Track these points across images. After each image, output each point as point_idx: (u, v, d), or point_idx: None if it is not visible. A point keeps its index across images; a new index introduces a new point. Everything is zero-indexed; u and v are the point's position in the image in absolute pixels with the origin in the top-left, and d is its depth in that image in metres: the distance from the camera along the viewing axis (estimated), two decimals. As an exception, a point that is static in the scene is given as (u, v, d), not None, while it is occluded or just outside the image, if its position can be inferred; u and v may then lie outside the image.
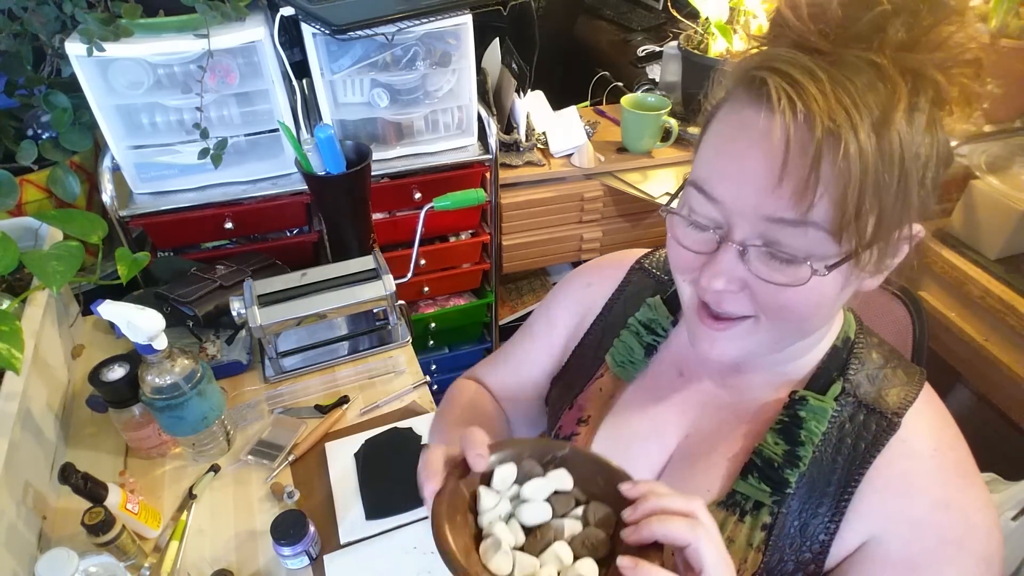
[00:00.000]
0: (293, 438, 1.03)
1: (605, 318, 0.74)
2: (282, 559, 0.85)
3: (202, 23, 1.18)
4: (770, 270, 0.47)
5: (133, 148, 1.32)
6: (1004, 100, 1.38)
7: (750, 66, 0.46)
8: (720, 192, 0.48)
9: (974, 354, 1.33)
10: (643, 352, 0.68)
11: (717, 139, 0.49)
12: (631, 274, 0.75)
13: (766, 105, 0.44)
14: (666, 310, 0.69)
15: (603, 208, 1.75)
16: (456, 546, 0.44)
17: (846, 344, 0.60)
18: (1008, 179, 1.31)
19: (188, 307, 1.15)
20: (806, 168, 0.42)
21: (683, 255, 0.53)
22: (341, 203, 1.25)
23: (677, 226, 0.53)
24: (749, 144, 0.45)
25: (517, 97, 1.63)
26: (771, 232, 0.46)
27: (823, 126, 0.41)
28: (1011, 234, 1.30)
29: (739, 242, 0.47)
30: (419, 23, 1.33)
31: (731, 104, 0.48)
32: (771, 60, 0.44)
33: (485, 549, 0.46)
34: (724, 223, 0.48)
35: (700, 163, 0.51)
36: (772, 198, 0.44)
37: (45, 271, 0.91)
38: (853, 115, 0.41)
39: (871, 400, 0.57)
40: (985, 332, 1.32)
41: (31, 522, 0.86)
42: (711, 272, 0.49)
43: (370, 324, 1.25)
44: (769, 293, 0.49)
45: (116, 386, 0.92)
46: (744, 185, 0.46)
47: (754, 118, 0.45)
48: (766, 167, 0.44)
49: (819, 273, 0.46)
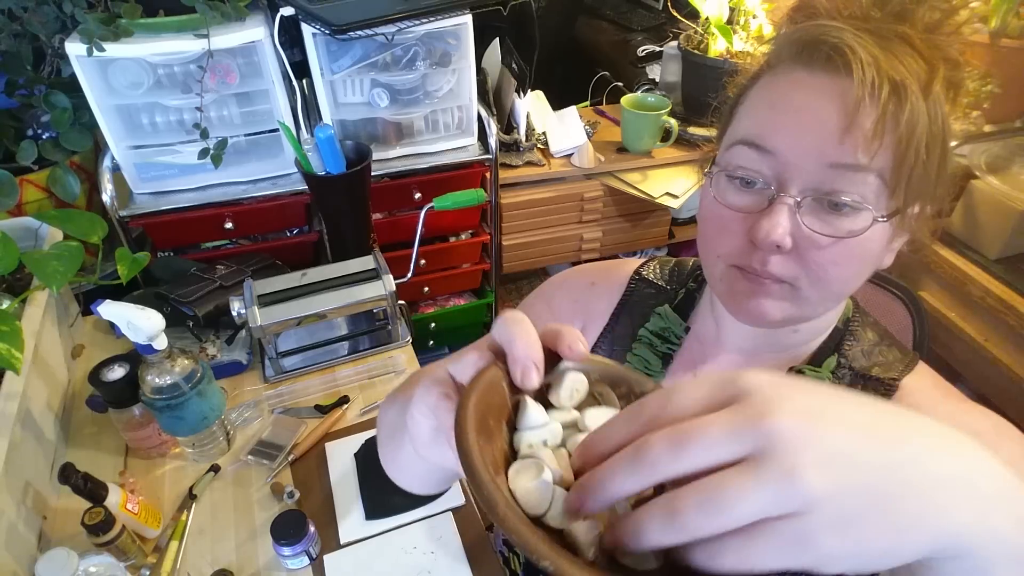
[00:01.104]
0: (293, 438, 1.03)
1: (612, 331, 0.72)
2: (282, 559, 0.85)
3: (202, 23, 1.18)
4: (824, 224, 0.48)
5: (133, 148, 1.32)
6: (1004, 100, 1.38)
7: (795, 36, 0.48)
8: (776, 143, 0.48)
9: (974, 354, 1.33)
10: (660, 363, 0.68)
11: (767, 99, 0.50)
12: (632, 283, 0.73)
13: (822, 66, 0.46)
14: (678, 317, 0.68)
15: (603, 208, 1.75)
16: (484, 457, 0.31)
17: (845, 324, 0.62)
18: (1008, 179, 1.31)
19: (188, 307, 1.15)
20: (876, 114, 0.44)
21: (727, 219, 0.51)
22: (341, 203, 1.25)
23: (723, 187, 0.52)
24: (808, 98, 0.46)
25: (517, 97, 1.63)
26: (829, 181, 0.46)
27: (889, 78, 0.44)
28: (1011, 234, 1.30)
29: (795, 195, 0.47)
30: (419, 23, 1.33)
31: (777, 70, 0.50)
32: (819, 29, 0.47)
33: (518, 470, 0.32)
34: (775, 179, 0.48)
35: (748, 122, 0.51)
36: (836, 145, 0.45)
37: (45, 271, 0.91)
38: (907, 75, 0.44)
39: (867, 371, 0.59)
40: (985, 332, 1.32)
41: (31, 522, 0.86)
42: (769, 223, 0.47)
43: (370, 324, 1.25)
44: (819, 250, 0.48)
45: (116, 386, 0.92)
46: (805, 134, 0.46)
47: (808, 78, 0.47)
48: (830, 116, 0.45)
49: (879, 220, 0.47)
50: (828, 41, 0.45)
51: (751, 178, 0.50)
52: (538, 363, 0.34)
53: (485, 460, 0.30)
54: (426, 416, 0.38)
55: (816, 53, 0.46)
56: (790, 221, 0.48)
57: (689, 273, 0.72)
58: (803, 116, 0.47)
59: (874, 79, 0.44)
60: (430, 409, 0.37)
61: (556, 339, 0.36)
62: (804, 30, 0.48)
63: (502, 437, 0.34)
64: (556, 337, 0.36)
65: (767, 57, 0.52)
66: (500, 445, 0.33)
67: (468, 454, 0.30)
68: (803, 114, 0.47)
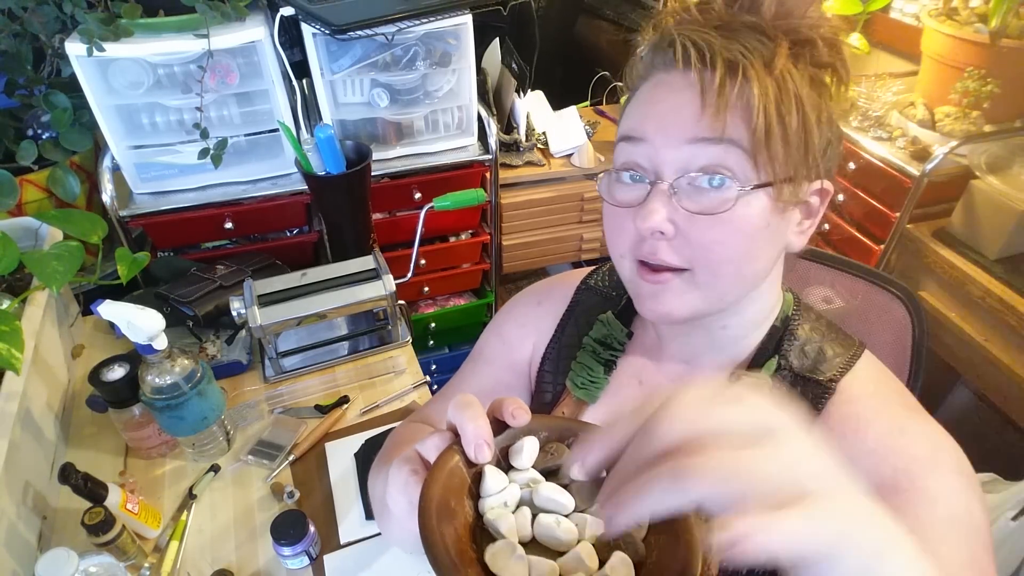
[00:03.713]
0: (293, 438, 1.03)
1: (559, 340, 0.73)
2: (282, 559, 0.85)
3: (202, 23, 1.18)
4: (698, 203, 0.51)
5: (133, 148, 1.32)
6: (1004, 100, 1.38)
7: (653, 44, 0.55)
8: (644, 131, 0.53)
9: (974, 354, 1.33)
10: (603, 370, 0.68)
11: (639, 101, 0.55)
12: (579, 293, 0.74)
13: (676, 63, 0.52)
14: (620, 324, 0.69)
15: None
16: (446, 540, 0.36)
17: (784, 323, 0.62)
18: (1008, 179, 1.31)
19: (188, 307, 1.15)
20: (715, 93, 0.49)
21: (621, 217, 0.55)
22: (341, 203, 1.25)
23: (612, 187, 0.56)
24: (667, 93, 0.52)
25: (517, 97, 1.63)
26: (696, 158, 0.50)
27: (723, 59, 0.49)
28: (1011, 234, 1.30)
29: (669, 181, 0.51)
30: (419, 23, 1.33)
31: (644, 79, 0.56)
32: (669, 31, 0.53)
33: (495, 552, 0.37)
34: (652, 170, 0.53)
35: (625, 123, 0.56)
36: (694, 124, 0.50)
37: (45, 271, 0.91)
38: (745, 52, 0.49)
39: (806, 371, 0.59)
40: (985, 332, 1.32)
41: (31, 522, 0.86)
42: (645, 211, 0.52)
43: (370, 324, 1.25)
44: (701, 230, 0.51)
45: (116, 386, 0.92)
46: (666, 119, 0.52)
47: (666, 77, 0.53)
48: (685, 102, 0.51)
49: (744, 192, 0.50)
50: (677, 41, 0.51)
51: (632, 170, 0.54)
52: (488, 440, 0.39)
53: (446, 544, 0.35)
54: (401, 493, 0.43)
55: (668, 52, 0.52)
56: (667, 207, 0.51)
57: None
58: (666, 105, 0.52)
59: (708, 61, 0.50)
60: (402, 486, 0.43)
61: (501, 410, 0.42)
62: (661, 36, 0.54)
63: (465, 511, 0.39)
64: (501, 408, 0.42)
65: (639, 72, 0.57)
66: (463, 519, 0.39)
67: (432, 545, 0.35)
68: (666, 103, 0.52)
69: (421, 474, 0.42)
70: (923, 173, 1.36)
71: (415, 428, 0.73)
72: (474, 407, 0.41)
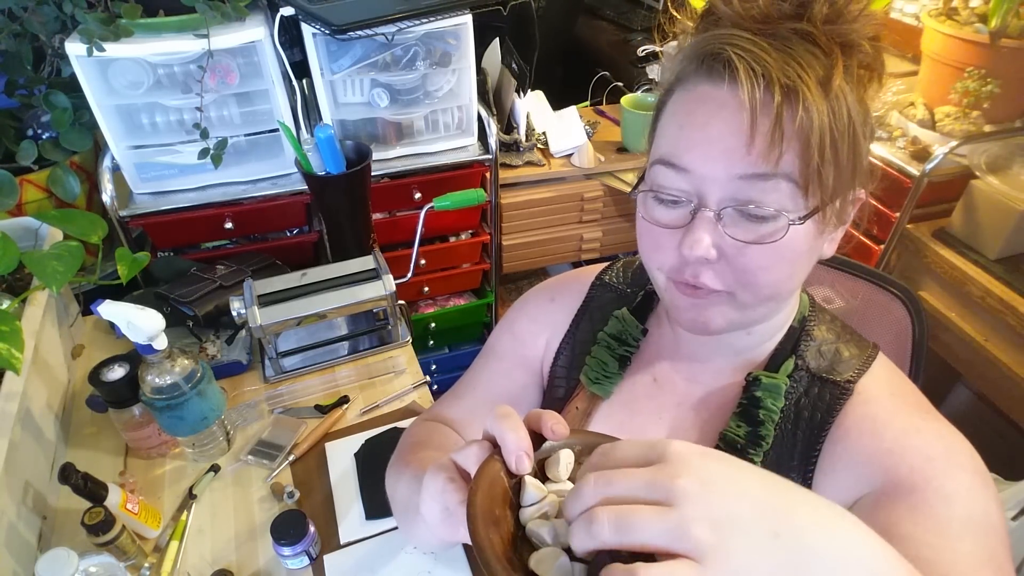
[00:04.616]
0: (293, 438, 1.03)
1: (573, 335, 0.73)
2: (282, 559, 0.85)
3: (202, 23, 1.18)
4: (745, 231, 0.49)
5: (133, 148, 1.32)
6: (1004, 100, 1.38)
7: (698, 48, 0.50)
8: (688, 161, 0.49)
9: (974, 354, 1.33)
10: (618, 365, 0.68)
11: (677, 116, 0.51)
12: (593, 289, 0.74)
13: (723, 77, 0.47)
14: (635, 320, 0.69)
15: (603, 208, 1.75)
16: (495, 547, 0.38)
17: (801, 324, 0.62)
18: (1008, 179, 1.31)
19: (188, 307, 1.15)
20: (771, 123, 0.45)
21: (658, 235, 0.53)
22: (341, 203, 1.25)
23: (650, 206, 0.54)
24: (712, 113, 0.48)
25: (517, 97, 1.63)
26: (743, 191, 0.48)
27: (780, 83, 0.45)
28: (1011, 234, 1.30)
29: (713, 208, 0.49)
30: (419, 23, 1.33)
31: (684, 85, 0.51)
32: (717, 39, 0.48)
33: (541, 558, 0.38)
34: (695, 194, 0.50)
35: (663, 141, 0.53)
36: (742, 157, 0.47)
37: (45, 271, 0.91)
38: (802, 73, 0.45)
39: (824, 372, 0.59)
40: (985, 332, 1.32)
41: (31, 522, 0.86)
42: (691, 239, 0.49)
43: (370, 324, 1.26)
44: (746, 256, 0.50)
45: (116, 386, 0.92)
46: (712, 150, 0.48)
47: (712, 91, 0.48)
48: (733, 129, 0.47)
49: (795, 223, 0.48)
50: (724, 52, 0.47)
51: (672, 196, 0.51)
52: (528, 451, 0.40)
53: (497, 552, 0.37)
54: (435, 500, 0.44)
55: (715, 64, 0.48)
56: (712, 233, 0.49)
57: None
58: (710, 132, 0.48)
59: (764, 87, 0.46)
60: (437, 493, 0.44)
61: (539, 423, 0.42)
62: (705, 41, 0.49)
63: (508, 519, 0.41)
64: (539, 421, 0.42)
65: (677, 70, 0.53)
66: (507, 527, 0.40)
67: (483, 550, 0.37)
68: (709, 130, 0.48)
69: (458, 482, 0.44)
70: (923, 173, 1.36)
71: (431, 428, 0.73)
72: (513, 418, 0.41)
